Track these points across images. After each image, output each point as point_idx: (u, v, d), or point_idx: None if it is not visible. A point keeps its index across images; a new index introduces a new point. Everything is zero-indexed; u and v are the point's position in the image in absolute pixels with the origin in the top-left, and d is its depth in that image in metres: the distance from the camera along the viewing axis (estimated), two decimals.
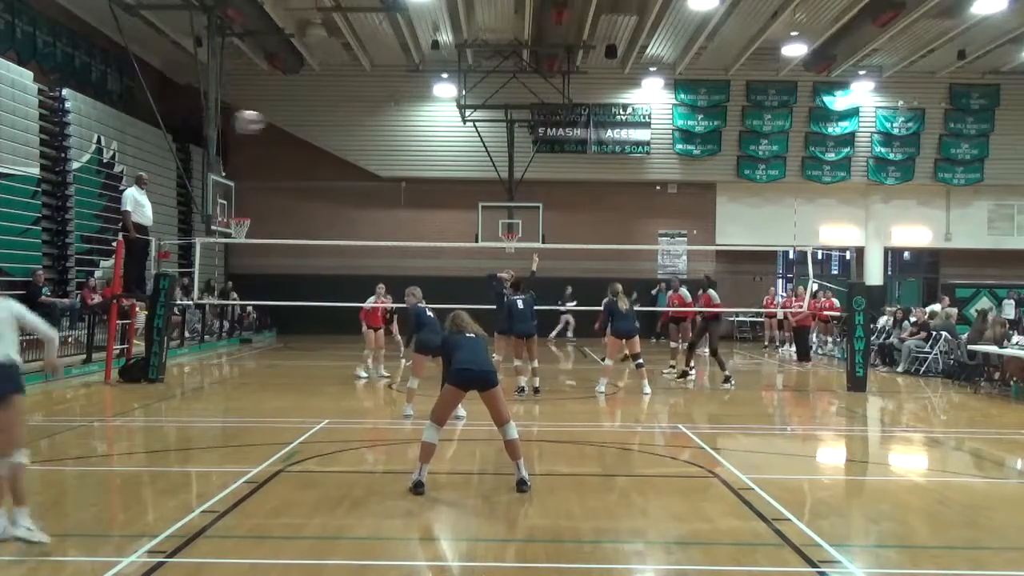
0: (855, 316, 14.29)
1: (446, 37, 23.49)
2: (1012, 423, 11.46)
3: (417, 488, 6.76)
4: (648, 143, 26.55)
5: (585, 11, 20.81)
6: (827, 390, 14.85)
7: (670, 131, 26.68)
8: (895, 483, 8.12)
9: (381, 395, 13.63)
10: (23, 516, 5.36)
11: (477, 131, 24.40)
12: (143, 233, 14.82)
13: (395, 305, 15.09)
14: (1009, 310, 22.29)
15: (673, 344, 17.04)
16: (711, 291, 15.35)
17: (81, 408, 12.00)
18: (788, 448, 8.85)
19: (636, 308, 14.96)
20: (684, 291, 17.56)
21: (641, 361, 13.51)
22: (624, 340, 13.56)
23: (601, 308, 13.85)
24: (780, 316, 21.94)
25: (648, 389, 13.21)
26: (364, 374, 15.00)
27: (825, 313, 20.50)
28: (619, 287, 13.71)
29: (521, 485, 6.88)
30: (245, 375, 17.06)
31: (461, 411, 9.58)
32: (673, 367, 16.07)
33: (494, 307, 12.75)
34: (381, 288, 15.24)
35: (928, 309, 19.15)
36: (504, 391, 7.30)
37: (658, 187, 27.30)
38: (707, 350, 15.55)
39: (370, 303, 15.11)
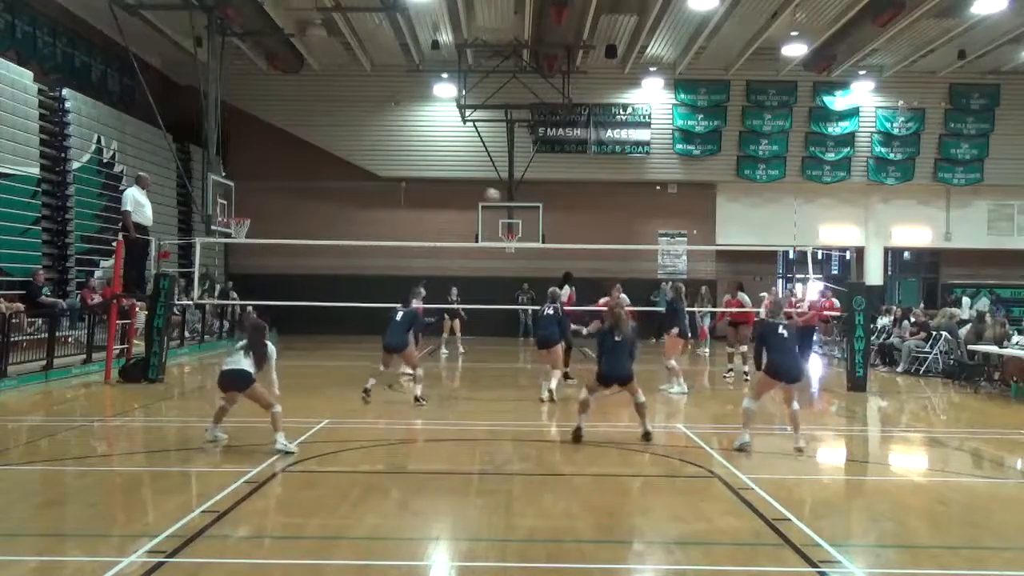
0: (855, 316, 14.30)
1: (446, 37, 23.48)
2: (1012, 423, 11.45)
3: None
4: (648, 143, 26.55)
5: (585, 11, 20.79)
6: (827, 390, 14.84)
7: (670, 131, 26.68)
8: (895, 483, 8.12)
9: (381, 395, 13.60)
10: None
11: (477, 131, 24.37)
12: (143, 233, 14.81)
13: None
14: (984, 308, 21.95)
15: (730, 348, 16.16)
16: (741, 294, 16.10)
17: (81, 408, 12.01)
18: (788, 448, 8.85)
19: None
20: (743, 296, 16.93)
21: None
22: (684, 342, 13.51)
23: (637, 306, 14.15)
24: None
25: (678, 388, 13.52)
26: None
27: (824, 313, 20.47)
28: (682, 287, 14.08)
29: (646, 436, 9.09)
30: None
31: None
32: (732, 370, 15.71)
33: (494, 307, 12.68)
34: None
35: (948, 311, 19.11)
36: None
37: (658, 187, 27.29)
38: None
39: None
